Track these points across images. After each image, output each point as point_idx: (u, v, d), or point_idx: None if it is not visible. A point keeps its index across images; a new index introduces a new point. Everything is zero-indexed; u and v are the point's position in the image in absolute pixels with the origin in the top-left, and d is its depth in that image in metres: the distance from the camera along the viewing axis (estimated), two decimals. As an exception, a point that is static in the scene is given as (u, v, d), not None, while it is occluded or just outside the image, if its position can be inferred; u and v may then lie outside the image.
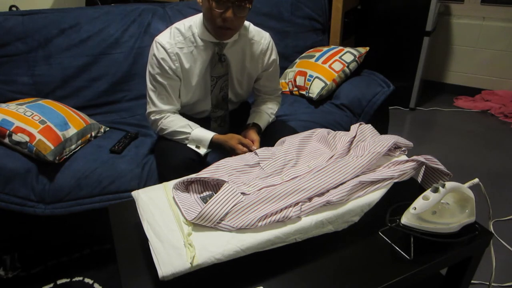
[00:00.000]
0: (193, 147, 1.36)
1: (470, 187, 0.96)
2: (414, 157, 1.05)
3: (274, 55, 1.47)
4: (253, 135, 1.38)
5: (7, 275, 1.48)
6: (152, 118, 1.37)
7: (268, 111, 1.51)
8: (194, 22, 1.33)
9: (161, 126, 1.37)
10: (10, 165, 1.29)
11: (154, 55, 1.30)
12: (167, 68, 1.30)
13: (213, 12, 1.20)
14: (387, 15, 2.71)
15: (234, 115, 1.55)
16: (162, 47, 1.29)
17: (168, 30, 1.33)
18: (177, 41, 1.31)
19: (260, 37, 1.42)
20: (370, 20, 2.79)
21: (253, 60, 1.42)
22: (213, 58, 1.35)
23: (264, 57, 1.44)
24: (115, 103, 1.79)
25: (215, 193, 0.95)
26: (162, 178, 1.34)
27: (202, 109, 1.47)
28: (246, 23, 1.37)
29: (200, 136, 1.35)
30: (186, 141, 1.36)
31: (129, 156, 1.46)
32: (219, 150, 1.38)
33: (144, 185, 1.39)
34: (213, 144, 1.36)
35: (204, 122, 1.44)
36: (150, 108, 1.37)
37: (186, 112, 1.48)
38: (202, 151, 1.35)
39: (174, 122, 1.36)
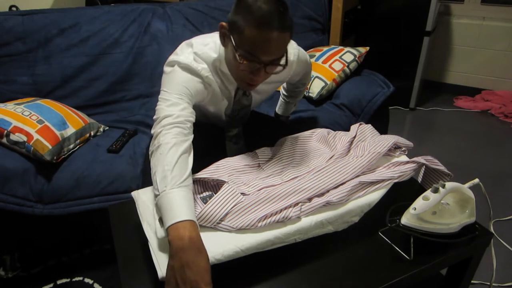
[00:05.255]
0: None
1: (470, 187, 0.96)
2: (414, 159, 1.05)
3: (298, 60, 1.27)
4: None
5: (7, 275, 1.48)
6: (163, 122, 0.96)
7: (281, 95, 1.56)
8: (218, 54, 1.08)
9: (159, 137, 0.93)
10: (8, 165, 1.28)
11: (184, 75, 1.03)
12: (192, 93, 1.03)
13: (241, 69, 1.00)
14: (387, 15, 2.71)
15: (247, 127, 1.37)
16: (192, 70, 1.04)
17: (186, 52, 1.07)
18: (202, 67, 1.06)
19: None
20: (370, 20, 2.79)
21: (278, 75, 1.17)
22: (237, 92, 1.18)
23: (290, 70, 1.25)
24: (115, 103, 1.79)
25: (215, 193, 0.95)
26: None
27: (215, 122, 1.33)
28: None
29: (171, 204, 0.81)
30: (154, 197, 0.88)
31: (128, 156, 1.45)
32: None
33: (143, 186, 1.39)
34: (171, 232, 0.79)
35: (219, 138, 1.30)
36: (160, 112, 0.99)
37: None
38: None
39: (170, 153, 0.88)
